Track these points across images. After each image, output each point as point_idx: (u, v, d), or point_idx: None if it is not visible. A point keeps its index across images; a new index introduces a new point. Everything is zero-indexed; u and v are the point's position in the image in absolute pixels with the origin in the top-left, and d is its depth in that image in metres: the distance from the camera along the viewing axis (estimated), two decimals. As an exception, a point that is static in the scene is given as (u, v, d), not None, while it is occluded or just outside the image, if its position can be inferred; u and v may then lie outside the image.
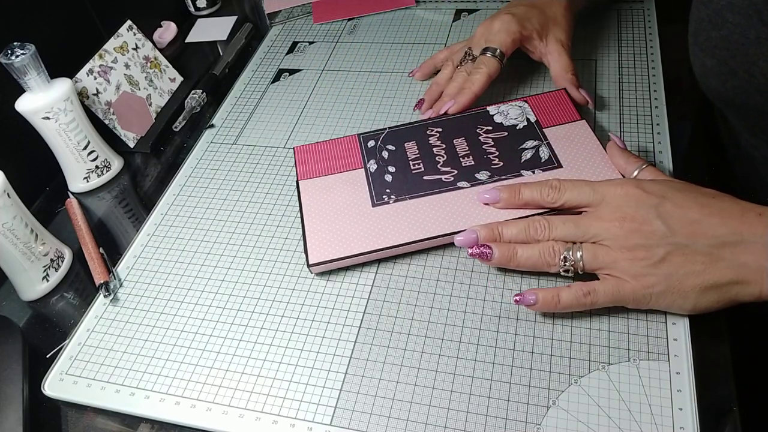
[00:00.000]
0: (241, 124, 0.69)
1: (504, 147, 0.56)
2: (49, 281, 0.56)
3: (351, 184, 0.56)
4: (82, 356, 0.50)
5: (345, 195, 0.55)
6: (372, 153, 0.58)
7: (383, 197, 0.54)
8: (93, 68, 0.66)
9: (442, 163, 0.56)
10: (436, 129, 0.59)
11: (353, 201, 0.54)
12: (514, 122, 0.58)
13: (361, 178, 0.56)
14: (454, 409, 0.43)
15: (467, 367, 0.45)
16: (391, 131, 0.60)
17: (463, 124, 0.59)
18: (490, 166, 0.55)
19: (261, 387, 0.46)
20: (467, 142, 0.57)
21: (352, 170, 0.57)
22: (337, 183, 0.57)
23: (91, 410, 0.48)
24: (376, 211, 0.53)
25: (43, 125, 0.59)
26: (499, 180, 0.54)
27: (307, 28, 0.82)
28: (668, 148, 0.57)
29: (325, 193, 0.56)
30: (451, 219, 0.52)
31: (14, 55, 0.55)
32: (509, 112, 0.59)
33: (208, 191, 0.62)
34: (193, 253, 0.56)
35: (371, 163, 0.57)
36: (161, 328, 0.51)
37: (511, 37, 0.62)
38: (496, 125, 0.58)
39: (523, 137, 0.57)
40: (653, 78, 0.64)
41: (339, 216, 0.54)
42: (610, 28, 0.71)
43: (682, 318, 0.45)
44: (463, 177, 0.55)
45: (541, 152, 0.55)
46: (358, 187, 0.56)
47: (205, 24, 0.87)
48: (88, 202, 0.65)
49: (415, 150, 0.58)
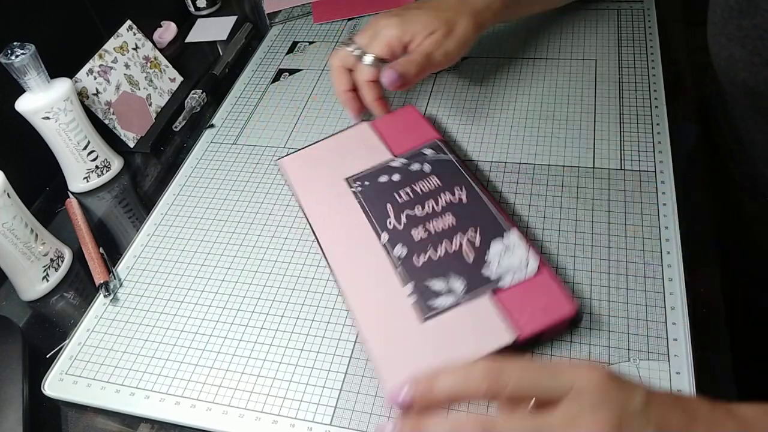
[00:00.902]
0: (241, 124, 0.69)
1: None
2: (49, 281, 0.56)
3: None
4: (82, 356, 0.50)
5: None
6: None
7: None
8: (93, 68, 0.66)
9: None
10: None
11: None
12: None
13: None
14: (454, 408, 0.43)
15: (467, 367, 0.45)
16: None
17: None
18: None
19: (261, 387, 0.46)
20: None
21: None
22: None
23: (91, 410, 0.48)
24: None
25: (43, 125, 0.59)
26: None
27: (307, 28, 0.82)
28: (668, 148, 0.57)
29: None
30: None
31: (14, 55, 0.55)
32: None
33: (208, 191, 0.62)
34: (193, 253, 0.56)
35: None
36: (161, 328, 0.51)
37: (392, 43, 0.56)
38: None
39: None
40: (653, 78, 0.64)
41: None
42: (610, 28, 0.71)
43: (682, 318, 0.45)
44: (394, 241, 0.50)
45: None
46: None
47: (205, 24, 0.87)
48: (88, 202, 0.65)
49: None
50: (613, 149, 0.58)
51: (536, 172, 0.58)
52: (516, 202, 0.55)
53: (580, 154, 0.58)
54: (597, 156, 0.58)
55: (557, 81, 0.66)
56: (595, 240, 0.51)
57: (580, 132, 0.60)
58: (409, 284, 0.47)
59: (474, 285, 0.46)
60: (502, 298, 0.45)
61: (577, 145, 0.59)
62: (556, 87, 0.65)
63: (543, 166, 0.58)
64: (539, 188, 0.56)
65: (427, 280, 0.47)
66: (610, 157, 0.58)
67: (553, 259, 0.51)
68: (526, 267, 0.46)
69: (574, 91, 0.65)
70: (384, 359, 0.44)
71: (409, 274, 0.48)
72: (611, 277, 0.49)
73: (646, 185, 0.55)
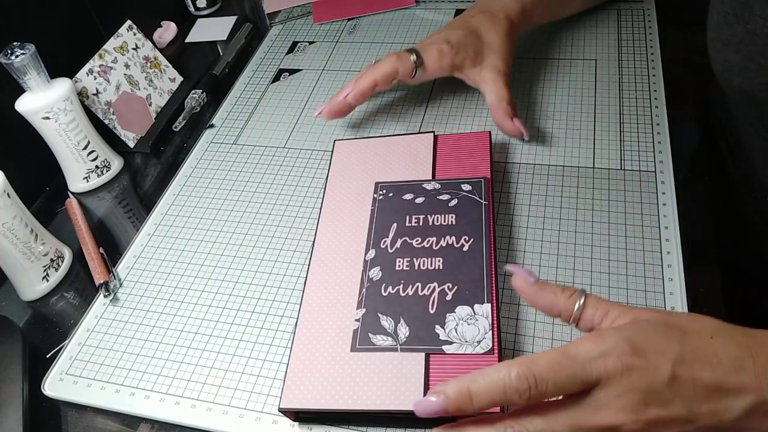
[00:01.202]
0: (241, 124, 0.69)
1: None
2: (49, 281, 0.56)
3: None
4: (82, 356, 0.50)
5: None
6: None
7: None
8: (93, 68, 0.66)
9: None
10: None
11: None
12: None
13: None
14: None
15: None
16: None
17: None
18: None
19: (261, 387, 0.46)
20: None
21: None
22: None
23: (91, 410, 0.48)
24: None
25: (43, 125, 0.59)
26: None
27: (307, 28, 0.82)
28: (668, 148, 0.57)
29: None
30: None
31: (14, 55, 0.55)
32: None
33: (208, 191, 0.62)
34: (193, 253, 0.56)
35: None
36: (161, 328, 0.51)
37: (440, 63, 0.59)
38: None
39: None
40: (653, 78, 0.64)
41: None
42: (610, 28, 0.71)
43: (682, 318, 0.45)
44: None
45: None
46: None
47: (205, 24, 0.87)
48: (88, 202, 0.65)
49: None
50: (613, 149, 0.58)
51: (536, 172, 0.58)
52: (516, 202, 0.55)
53: (580, 154, 0.58)
54: (597, 156, 0.58)
55: (557, 81, 0.66)
56: (595, 240, 0.51)
57: (580, 132, 0.60)
58: (362, 310, 0.46)
59: (417, 340, 0.44)
60: (436, 362, 0.43)
61: (577, 145, 0.59)
62: (556, 87, 0.65)
63: (543, 166, 0.58)
64: (539, 188, 0.56)
65: (379, 313, 0.46)
66: (610, 157, 0.58)
67: (552, 259, 0.51)
68: (478, 344, 0.43)
69: (574, 91, 0.65)
70: (296, 368, 0.44)
71: (368, 300, 0.47)
72: (611, 277, 0.49)
73: (646, 185, 0.55)
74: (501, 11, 0.61)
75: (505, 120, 0.58)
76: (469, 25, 0.61)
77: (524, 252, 0.51)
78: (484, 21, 0.61)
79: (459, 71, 0.61)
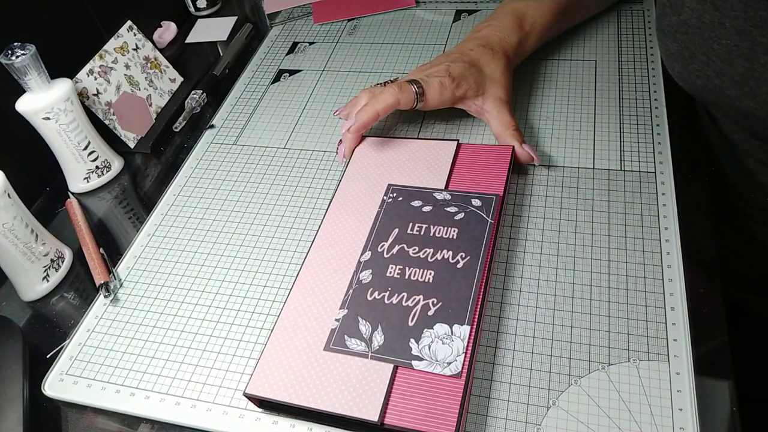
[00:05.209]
0: (241, 124, 0.69)
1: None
2: (49, 281, 0.56)
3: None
4: (82, 356, 0.50)
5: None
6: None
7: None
8: (93, 68, 0.66)
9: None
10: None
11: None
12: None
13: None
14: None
15: (467, 368, 0.45)
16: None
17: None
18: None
19: (261, 387, 0.46)
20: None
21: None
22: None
23: (91, 410, 0.48)
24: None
25: (44, 125, 0.59)
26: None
27: (307, 29, 0.82)
28: (668, 148, 0.57)
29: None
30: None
31: (14, 56, 0.55)
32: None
33: (208, 192, 0.62)
34: (194, 253, 0.56)
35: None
36: (161, 329, 0.51)
37: (441, 96, 0.59)
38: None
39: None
40: (653, 78, 0.64)
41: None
42: (610, 28, 0.72)
43: (682, 319, 0.45)
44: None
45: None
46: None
47: (205, 24, 0.87)
48: (88, 203, 0.65)
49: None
50: (613, 150, 0.58)
51: (536, 173, 0.58)
52: (516, 202, 0.55)
53: (580, 155, 0.58)
54: (597, 156, 0.58)
55: (557, 81, 0.66)
56: (595, 240, 0.51)
57: (580, 132, 0.60)
58: (344, 310, 0.46)
59: (389, 351, 0.43)
60: (403, 376, 0.42)
61: (577, 145, 0.59)
62: (556, 87, 0.66)
63: (543, 167, 0.58)
64: (539, 188, 0.56)
65: (360, 316, 0.45)
66: (610, 158, 0.58)
67: (552, 260, 0.51)
68: (447, 365, 0.42)
69: (574, 92, 0.65)
70: (269, 357, 0.44)
71: (352, 302, 0.46)
72: (611, 277, 0.49)
73: (646, 186, 0.55)
74: (499, 46, 0.62)
75: (516, 147, 0.57)
76: (469, 57, 0.61)
77: (524, 252, 0.51)
78: (484, 53, 0.61)
79: (461, 103, 0.61)
